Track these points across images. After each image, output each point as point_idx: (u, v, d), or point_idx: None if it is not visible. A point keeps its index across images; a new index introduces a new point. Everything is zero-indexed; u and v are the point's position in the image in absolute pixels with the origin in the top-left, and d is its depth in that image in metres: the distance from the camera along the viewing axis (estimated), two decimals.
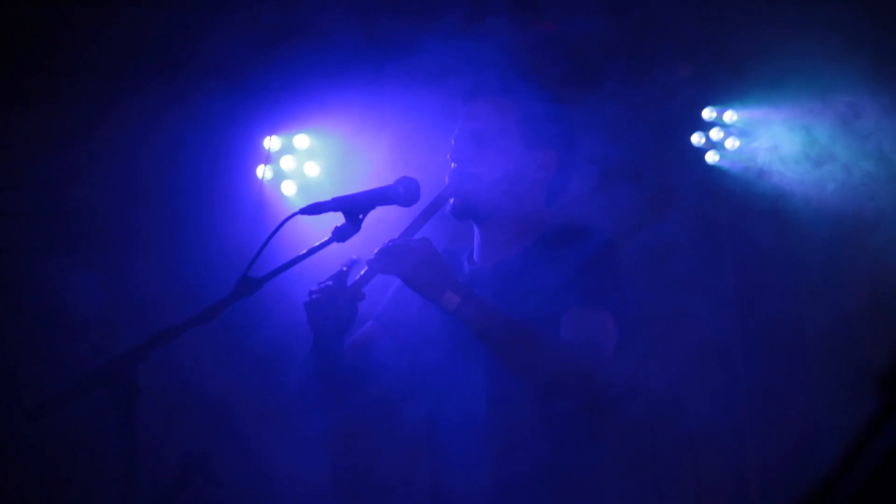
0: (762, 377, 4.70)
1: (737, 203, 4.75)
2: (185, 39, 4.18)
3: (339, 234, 2.32)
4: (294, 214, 2.25)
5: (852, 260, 4.56)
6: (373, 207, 2.37)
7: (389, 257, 2.36)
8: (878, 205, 4.30)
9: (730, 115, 4.66)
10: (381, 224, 2.56)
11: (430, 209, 2.50)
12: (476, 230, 2.66)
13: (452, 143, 2.64)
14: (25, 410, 1.95)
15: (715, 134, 4.69)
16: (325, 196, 2.36)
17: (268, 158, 4.68)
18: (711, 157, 4.71)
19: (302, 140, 4.69)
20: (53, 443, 3.77)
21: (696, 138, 4.70)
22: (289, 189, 4.69)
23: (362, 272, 2.39)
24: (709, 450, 4.59)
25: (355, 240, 2.37)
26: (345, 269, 2.42)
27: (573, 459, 2.45)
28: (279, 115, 4.61)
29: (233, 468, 4.16)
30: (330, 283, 2.40)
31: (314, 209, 2.29)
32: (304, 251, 2.29)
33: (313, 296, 2.40)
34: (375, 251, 2.38)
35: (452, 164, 2.61)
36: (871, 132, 4.33)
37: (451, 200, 2.56)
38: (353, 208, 2.34)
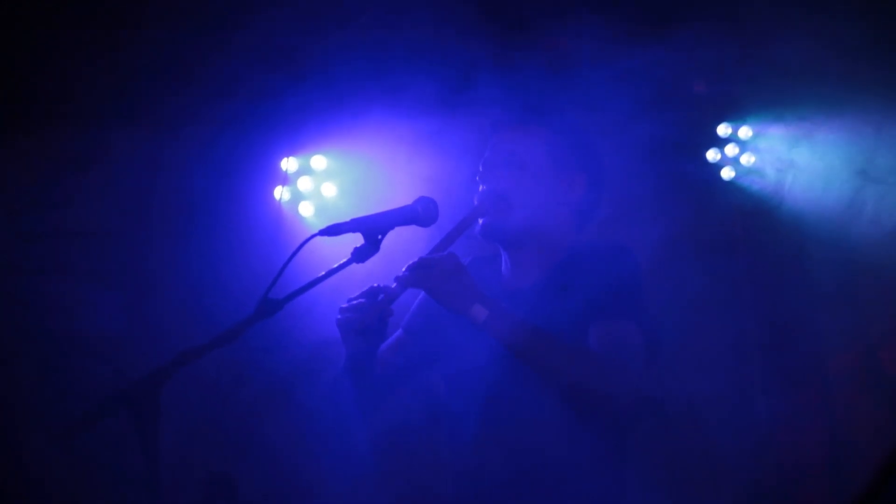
0: (781, 394, 4.69)
1: (752, 218, 4.75)
2: (202, 62, 4.22)
3: (359, 255, 2.34)
4: (314, 236, 2.27)
5: (871, 275, 4.55)
6: (391, 228, 2.39)
7: (417, 273, 2.39)
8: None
9: (745, 132, 4.66)
10: (400, 244, 2.58)
11: (458, 229, 2.53)
12: (503, 252, 2.68)
13: (481, 167, 2.66)
14: (50, 432, 1.96)
15: (730, 150, 4.69)
16: (343, 217, 2.37)
17: (285, 180, 4.70)
18: (727, 174, 4.72)
19: (319, 161, 4.71)
20: (77, 464, 3.78)
21: (712, 154, 4.71)
22: (306, 210, 4.72)
23: (391, 288, 2.41)
24: (727, 465, 4.57)
25: (374, 260, 2.38)
26: (375, 285, 2.45)
27: (594, 468, 2.47)
28: (296, 136, 4.64)
29: (256, 488, 4.17)
30: (361, 300, 2.42)
31: (333, 230, 2.31)
32: (324, 272, 2.30)
33: (345, 314, 2.42)
34: (404, 268, 2.41)
35: (481, 187, 2.63)
36: (883, 148, 4.33)
37: (480, 221, 2.59)
38: (372, 229, 2.35)
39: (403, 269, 2.41)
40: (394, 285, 2.40)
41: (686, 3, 4.06)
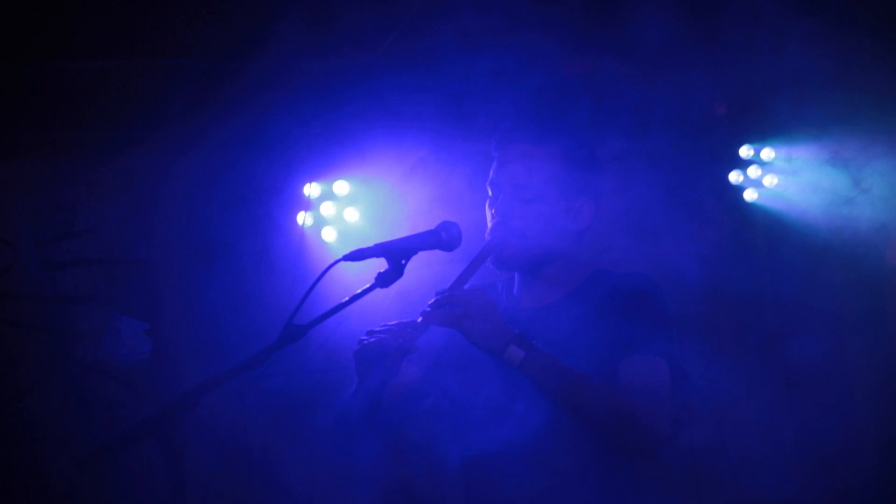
0: (804, 416, 4.66)
1: (775, 239, 4.73)
2: (225, 89, 4.25)
3: (383, 280, 2.32)
4: (338, 261, 2.26)
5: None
6: (415, 252, 2.37)
7: (447, 310, 2.36)
8: None
9: (767, 153, 4.65)
10: (424, 269, 2.57)
11: (476, 263, 2.50)
12: (516, 274, 2.67)
13: (489, 191, 2.63)
14: (75, 460, 1.96)
15: (753, 172, 4.68)
16: (366, 242, 2.37)
17: (308, 205, 4.72)
18: (750, 195, 4.70)
19: (342, 186, 4.73)
20: (103, 492, 3.79)
21: (734, 176, 4.70)
22: (329, 235, 4.73)
23: (417, 323, 2.36)
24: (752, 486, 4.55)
25: (398, 285, 2.37)
26: (399, 321, 2.41)
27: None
28: (319, 162, 4.67)
29: None
30: (382, 334, 2.38)
31: (357, 255, 2.30)
32: (347, 298, 2.29)
33: (365, 346, 2.38)
34: (430, 303, 2.38)
35: (491, 217, 2.60)
36: None
37: (493, 254, 2.56)
38: (396, 254, 2.34)
39: (430, 304, 2.38)
40: (419, 320, 2.37)
41: (706, 25, 4.07)
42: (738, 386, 4.52)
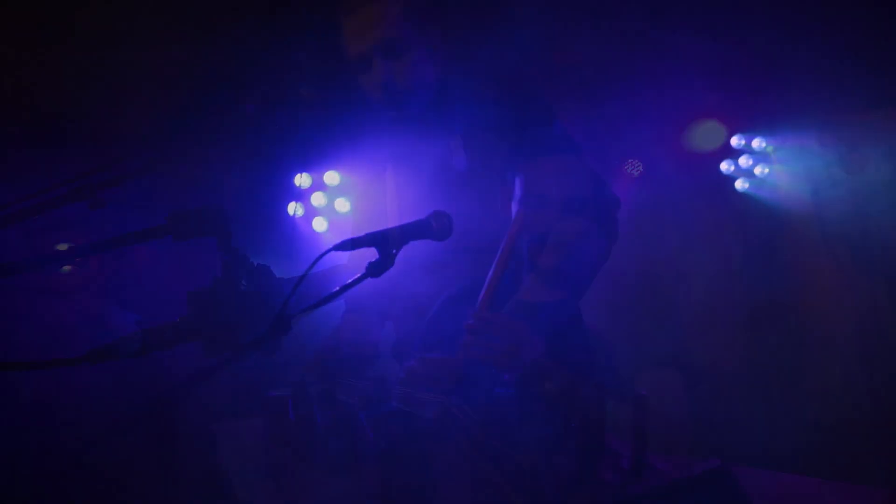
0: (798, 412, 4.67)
1: (766, 228, 4.74)
2: (217, 78, 4.24)
3: (373, 270, 2.33)
4: (328, 250, 2.27)
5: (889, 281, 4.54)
6: (406, 242, 2.38)
7: (485, 346, 2.45)
8: None
9: (758, 143, 4.66)
10: (412, 258, 2.58)
11: (500, 265, 2.56)
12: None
13: (515, 189, 2.69)
14: (67, 451, 1.97)
15: (744, 161, 4.69)
16: (356, 231, 2.37)
17: (299, 196, 4.72)
18: (741, 185, 4.72)
19: (332, 177, 4.73)
20: (94, 483, 3.78)
21: (725, 166, 4.71)
22: (320, 225, 4.73)
23: (458, 359, 2.45)
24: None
25: (388, 274, 2.38)
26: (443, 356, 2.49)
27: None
28: (309, 153, 4.66)
29: None
30: (429, 369, 2.46)
31: (348, 245, 2.31)
32: (338, 287, 2.30)
33: (414, 374, 2.47)
34: (466, 326, 2.47)
35: (520, 218, 2.65)
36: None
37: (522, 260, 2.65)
38: (387, 243, 2.35)
39: (466, 328, 2.46)
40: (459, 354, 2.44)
41: (700, 16, 4.07)
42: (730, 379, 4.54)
